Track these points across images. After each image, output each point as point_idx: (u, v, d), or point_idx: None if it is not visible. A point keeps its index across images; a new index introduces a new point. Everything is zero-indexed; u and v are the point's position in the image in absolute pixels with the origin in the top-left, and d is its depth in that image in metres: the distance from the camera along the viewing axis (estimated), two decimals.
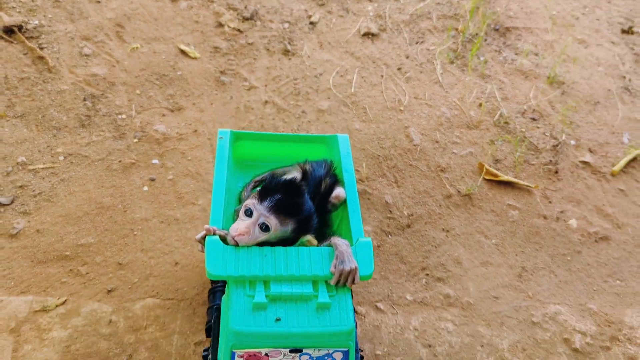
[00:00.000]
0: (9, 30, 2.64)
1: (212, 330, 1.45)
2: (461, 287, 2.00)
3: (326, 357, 1.25)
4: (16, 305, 1.80)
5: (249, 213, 1.32)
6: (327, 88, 2.65)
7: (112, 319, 1.79)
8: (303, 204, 1.35)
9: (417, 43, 2.93)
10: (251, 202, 1.33)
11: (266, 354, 1.22)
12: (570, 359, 1.83)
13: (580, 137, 2.56)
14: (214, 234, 1.32)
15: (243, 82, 2.65)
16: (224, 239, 1.32)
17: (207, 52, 2.78)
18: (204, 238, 1.33)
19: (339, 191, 1.50)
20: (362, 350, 1.62)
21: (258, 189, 1.43)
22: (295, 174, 1.50)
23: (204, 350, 1.51)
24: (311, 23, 2.96)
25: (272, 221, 1.30)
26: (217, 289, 1.62)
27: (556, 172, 2.40)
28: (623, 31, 3.14)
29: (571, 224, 2.23)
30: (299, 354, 1.23)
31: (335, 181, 1.53)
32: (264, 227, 1.30)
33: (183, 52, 2.76)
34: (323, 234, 1.42)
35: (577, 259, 2.13)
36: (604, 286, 2.05)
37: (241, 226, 1.29)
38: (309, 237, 1.38)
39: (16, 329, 1.74)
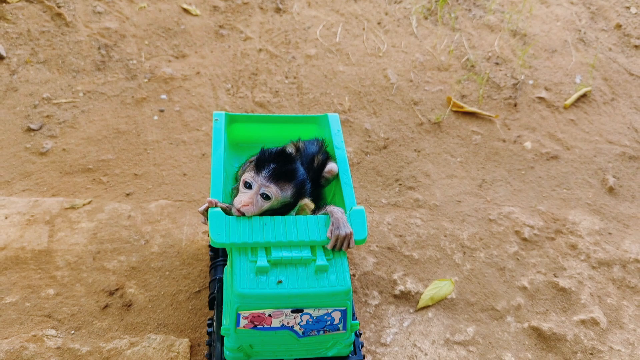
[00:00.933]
0: None
1: (216, 300, 1.53)
2: (429, 193, 2.30)
3: (325, 317, 1.31)
4: (49, 204, 2.09)
5: (248, 186, 1.37)
6: (315, 38, 2.96)
7: (131, 215, 2.09)
8: (297, 169, 1.41)
9: (395, 2, 3.24)
10: (249, 175, 1.38)
11: (269, 315, 1.28)
12: (519, 247, 2.13)
13: (537, 78, 2.87)
14: (216, 206, 1.37)
15: (239, 34, 2.95)
16: (225, 211, 1.38)
17: (207, 10, 3.07)
18: (206, 210, 1.37)
19: (331, 166, 1.55)
20: (362, 334, 1.76)
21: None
22: (288, 150, 1.53)
23: (209, 319, 1.59)
24: None
25: (272, 189, 1.36)
26: (217, 263, 1.68)
27: (515, 105, 2.71)
28: None
29: (526, 145, 2.54)
30: (300, 313, 1.28)
31: (327, 157, 1.58)
32: (265, 196, 1.36)
33: (185, 10, 3.06)
34: (317, 206, 1.48)
35: (531, 173, 2.44)
36: (552, 193, 2.36)
37: (244, 197, 1.34)
38: (307, 201, 1.45)
39: (51, 221, 2.03)
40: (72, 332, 1.73)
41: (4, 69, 2.61)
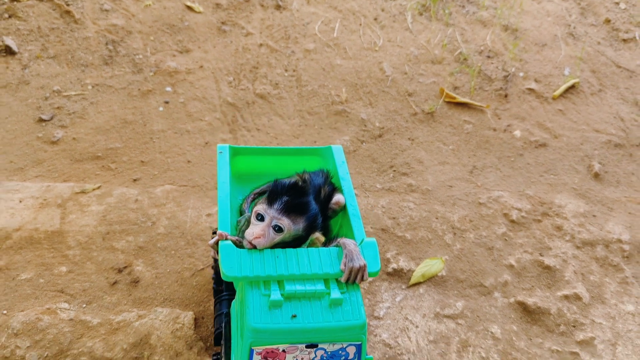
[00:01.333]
0: None
1: (223, 335, 1.48)
2: (422, 179, 2.40)
3: (340, 352, 1.27)
4: (61, 189, 2.20)
5: (260, 218, 1.34)
6: (313, 34, 3.06)
7: (138, 199, 2.19)
8: (309, 202, 1.39)
9: None
10: (261, 207, 1.35)
11: (283, 350, 1.24)
12: (507, 228, 2.23)
13: (527, 70, 2.96)
14: (226, 239, 1.34)
15: (241, 30, 3.06)
16: (235, 244, 1.34)
17: (209, 8, 3.18)
18: (216, 243, 1.34)
19: (338, 197, 1.53)
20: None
21: (261, 198, 1.46)
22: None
23: (214, 355, 1.57)
24: None
25: (285, 222, 1.33)
26: (222, 297, 1.64)
27: (505, 96, 2.80)
28: None
29: (516, 134, 2.64)
30: (314, 349, 1.24)
31: (334, 189, 1.56)
32: (277, 229, 1.33)
33: (189, 7, 3.16)
34: (326, 239, 1.46)
35: (519, 160, 2.53)
36: (540, 179, 2.46)
37: (257, 229, 1.31)
38: (318, 235, 1.42)
39: (62, 204, 2.13)
40: (84, 305, 1.83)
41: (16, 64, 2.72)
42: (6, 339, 1.69)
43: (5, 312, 1.78)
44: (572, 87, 2.87)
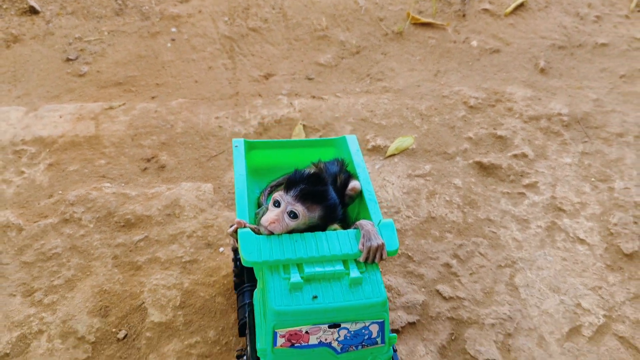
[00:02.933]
0: None
1: (248, 325, 1.46)
2: (394, 82, 2.78)
3: (363, 330, 1.25)
4: (92, 107, 2.57)
5: (277, 204, 1.34)
6: None
7: (157, 110, 2.57)
8: (327, 191, 1.37)
9: None
10: (278, 194, 1.35)
11: (306, 332, 1.22)
12: (467, 112, 2.61)
13: None
14: (245, 227, 1.33)
15: None
16: (253, 232, 1.33)
17: None
18: (235, 232, 1.33)
19: (354, 184, 1.51)
20: (397, 350, 1.62)
21: (278, 189, 1.44)
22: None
23: (237, 350, 1.54)
24: None
25: (299, 208, 1.32)
26: (244, 289, 1.62)
27: (463, 16, 3.18)
28: None
29: (473, 44, 3.01)
30: (337, 328, 1.23)
31: (349, 176, 1.54)
32: (292, 215, 1.32)
33: None
34: (344, 227, 1.42)
35: (477, 64, 2.91)
36: (494, 77, 2.83)
37: (271, 215, 1.31)
38: (336, 226, 1.40)
39: (95, 117, 2.51)
40: (123, 184, 2.21)
41: (40, 20, 3.09)
42: (65, 207, 2.08)
43: (60, 192, 2.16)
44: (522, 5, 3.24)
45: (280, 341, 1.23)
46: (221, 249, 1.95)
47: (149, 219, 2.05)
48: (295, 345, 1.24)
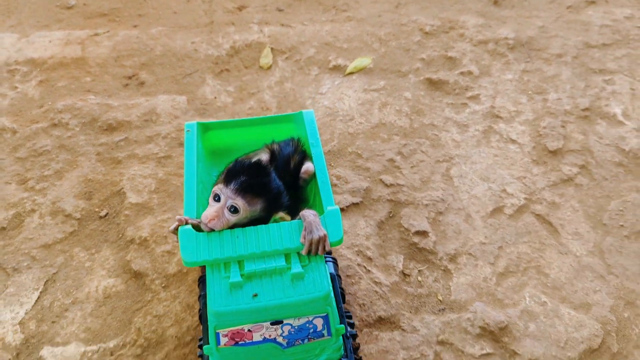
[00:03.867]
0: None
1: (202, 317, 1.42)
2: (357, 13, 2.97)
3: (307, 324, 1.22)
4: (79, 34, 2.77)
5: (217, 198, 1.28)
6: None
7: (139, 36, 2.77)
8: (269, 182, 1.31)
9: None
10: (218, 187, 1.28)
11: (249, 330, 1.20)
12: (422, 37, 2.80)
13: None
14: (186, 223, 1.27)
15: None
16: (198, 227, 1.28)
17: None
18: (176, 229, 1.27)
19: (307, 166, 1.44)
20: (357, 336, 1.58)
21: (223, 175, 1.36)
22: (262, 156, 1.46)
23: (200, 338, 1.48)
24: None
25: (239, 202, 1.26)
26: (204, 279, 1.54)
27: None
28: None
29: None
30: (280, 325, 1.20)
31: (304, 157, 1.47)
32: (233, 209, 1.26)
33: None
34: (298, 210, 1.33)
35: None
36: (451, 8, 3.02)
37: (211, 211, 1.25)
38: (282, 214, 1.35)
39: (82, 42, 2.71)
40: (106, 97, 2.43)
41: None
42: (54, 114, 2.31)
43: (50, 103, 2.38)
44: None
45: (223, 340, 1.21)
46: None
47: (129, 124, 2.28)
48: (240, 343, 1.22)
